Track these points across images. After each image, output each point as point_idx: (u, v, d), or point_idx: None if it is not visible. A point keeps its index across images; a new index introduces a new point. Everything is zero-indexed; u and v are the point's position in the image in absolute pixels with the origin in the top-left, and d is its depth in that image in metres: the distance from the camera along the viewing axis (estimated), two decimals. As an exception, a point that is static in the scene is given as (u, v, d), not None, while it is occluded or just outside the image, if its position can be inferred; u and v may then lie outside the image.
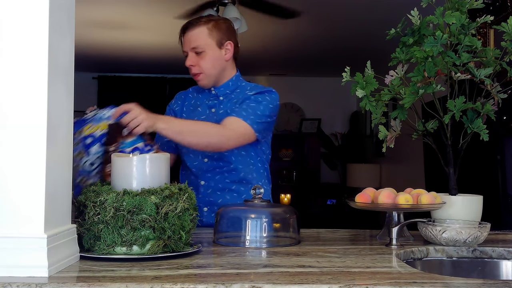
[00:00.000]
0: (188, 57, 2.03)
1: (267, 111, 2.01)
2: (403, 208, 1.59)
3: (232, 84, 2.10)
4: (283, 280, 1.08)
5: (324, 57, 6.54)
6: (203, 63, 2.02)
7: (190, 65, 2.02)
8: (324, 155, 7.79)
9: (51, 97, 1.14)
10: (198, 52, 2.01)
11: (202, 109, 2.10)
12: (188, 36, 2.02)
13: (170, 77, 7.61)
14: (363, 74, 1.70)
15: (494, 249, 1.53)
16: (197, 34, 2.01)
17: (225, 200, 2.04)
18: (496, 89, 1.70)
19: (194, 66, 2.02)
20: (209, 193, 2.05)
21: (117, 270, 1.15)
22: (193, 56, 2.02)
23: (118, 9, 4.70)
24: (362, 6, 4.49)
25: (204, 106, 2.10)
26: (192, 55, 2.02)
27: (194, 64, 2.02)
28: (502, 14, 3.22)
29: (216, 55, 2.03)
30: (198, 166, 2.07)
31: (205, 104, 2.11)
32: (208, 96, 2.12)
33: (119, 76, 7.68)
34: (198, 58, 2.02)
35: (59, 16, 1.19)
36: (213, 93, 2.10)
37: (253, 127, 1.95)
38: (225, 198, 2.04)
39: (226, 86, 2.09)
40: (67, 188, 1.24)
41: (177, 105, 2.19)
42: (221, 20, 2.09)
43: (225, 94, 2.09)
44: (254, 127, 1.95)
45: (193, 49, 2.01)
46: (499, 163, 3.53)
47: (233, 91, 2.09)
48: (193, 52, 2.02)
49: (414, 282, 1.07)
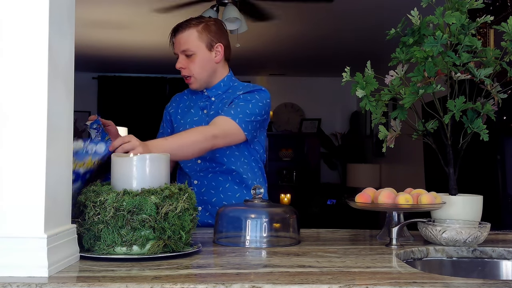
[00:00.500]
0: (178, 60, 2.03)
1: (256, 109, 1.98)
2: (403, 208, 1.59)
3: (224, 85, 2.09)
4: (283, 280, 1.08)
5: (324, 57, 6.54)
6: (193, 66, 2.02)
7: (180, 68, 2.03)
8: (324, 155, 7.79)
9: (51, 97, 1.14)
10: (188, 55, 2.01)
11: (195, 111, 2.10)
12: (178, 39, 2.02)
13: (170, 77, 7.62)
14: (363, 74, 1.70)
15: (494, 249, 1.53)
16: (187, 36, 2.01)
17: (219, 199, 2.03)
18: (496, 89, 1.70)
19: (184, 69, 2.03)
20: (203, 192, 2.05)
21: (117, 270, 1.15)
22: (183, 58, 2.02)
23: (118, 9, 4.70)
24: (362, 6, 4.49)
25: (196, 108, 2.11)
26: (182, 57, 2.02)
27: (184, 67, 2.02)
28: (502, 14, 3.22)
29: (206, 58, 2.03)
30: (191, 167, 2.08)
31: (197, 106, 2.11)
32: (201, 97, 2.12)
33: (119, 76, 7.68)
34: (188, 61, 2.02)
35: (59, 16, 1.19)
36: (205, 95, 2.11)
37: (241, 126, 1.93)
38: (219, 197, 2.04)
39: (218, 87, 2.09)
40: (67, 188, 1.24)
41: (172, 107, 2.20)
42: (212, 21, 2.07)
43: (217, 95, 2.09)
44: (242, 126, 1.93)
45: (183, 52, 2.01)
46: (499, 163, 3.53)
47: (224, 92, 2.09)
48: (183, 54, 2.02)
49: (414, 282, 1.07)
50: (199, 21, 2.04)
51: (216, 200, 2.04)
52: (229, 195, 2.04)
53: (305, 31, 5.34)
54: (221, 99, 2.07)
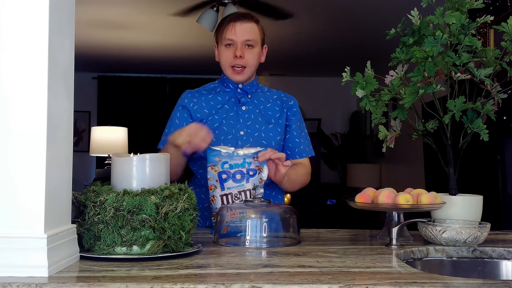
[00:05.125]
0: (238, 48, 1.98)
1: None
2: (403, 208, 1.59)
3: (255, 84, 2.13)
4: (283, 280, 1.08)
5: (324, 57, 6.55)
6: (252, 57, 2.01)
7: (239, 56, 1.99)
8: (324, 155, 7.79)
9: (51, 97, 1.14)
10: (249, 45, 2.00)
11: (229, 106, 2.06)
12: (242, 27, 1.99)
13: (170, 77, 7.61)
14: (363, 74, 1.70)
15: (494, 249, 1.53)
16: (251, 28, 2.01)
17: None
18: (496, 89, 1.70)
19: (243, 58, 2.00)
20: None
21: (117, 270, 1.15)
22: (243, 48, 2.00)
23: (118, 9, 4.70)
24: (362, 6, 4.49)
25: (230, 103, 2.07)
26: (242, 46, 1.99)
27: (243, 56, 2.00)
28: (502, 14, 3.23)
29: (259, 54, 2.05)
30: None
31: (231, 102, 2.07)
32: (233, 93, 2.08)
33: (119, 76, 7.69)
34: (247, 51, 2.01)
35: (59, 16, 1.19)
36: (239, 91, 2.08)
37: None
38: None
39: (251, 85, 2.10)
40: (67, 188, 1.24)
41: (194, 103, 2.08)
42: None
43: (252, 92, 2.10)
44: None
45: (245, 41, 1.99)
46: (499, 163, 3.53)
47: (255, 91, 2.12)
48: (243, 44, 1.99)
49: (414, 282, 1.07)
50: (256, 18, 2.07)
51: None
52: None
53: (305, 31, 5.34)
54: (254, 96, 2.10)
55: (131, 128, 6.44)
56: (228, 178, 1.77)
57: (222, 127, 2.01)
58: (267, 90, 2.16)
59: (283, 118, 2.09)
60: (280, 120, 2.07)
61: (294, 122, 2.11)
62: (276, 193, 2.09)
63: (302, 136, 2.11)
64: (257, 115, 2.05)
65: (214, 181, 1.78)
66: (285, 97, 2.14)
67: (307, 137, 2.14)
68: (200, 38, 5.47)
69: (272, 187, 2.05)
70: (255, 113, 2.05)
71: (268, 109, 2.08)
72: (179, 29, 5.23)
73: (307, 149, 2.11)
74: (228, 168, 1.77)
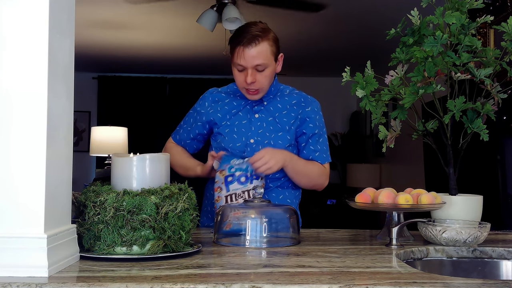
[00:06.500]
0: (250, 74, 1.95)
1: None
2: (403, 208, 1.59)
3: (274, 89, 2.09)
4: (283, 280, 1.08)
5: (324, 57, 6.55)
6: (264, 80, 1.98)
7: (251, 82, 1.96)
8: (324, 155, 7.77)
9: (51, 97, 1.14)
10: (261, 69, 1.96)
11: (243, 114, 2.06)
12: (250, 53, 1.93)
13: (170, 77, 7.60)
14: (363, 74, 1.70)
15: (494, 249, 1.53)
16: (260, 51, 1.94)
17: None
18: (496, 89, 1.70)
19: (255, 83, 1.97)
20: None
21: (117, 270, 1.15)
22: (255, 72, 1.96)
23: (118, 9, 4.70)
24: (362, 6, 4.49)
25: (245, 111, 2.07)
26: (253, 71, 1.95)
27: (255, 80, 1.97)
28: (502, 14, 3.22)
29: (273, 70, 2.02)
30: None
31: (246, 109, 2.07)
32: (248, 100, 2.07)
33: (119, 76, 7.68)
34: (259, 75, 1.97)
35: (59, 16, 1.19)
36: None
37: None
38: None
39: (269, 91, 2.07)
40: (67, 188, 1.24)
41: (211, 107, 2.10)
42: (271, 30, 2.04)
43: (269, 99, 2.08)
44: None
45: (256, 66, 1.95)
46: (499, 163, 3.53)
47: (274, 95, 2.09)
48: (254, 69, 1.96)
49: (414, 282, 1.07)
50: (265, 31, 1.99)
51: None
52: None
53: (305, 31, 5.34)
54: (271, 102, 2.07)
55: (131, 128, 6.44)
56: (233, 181, 1.86)
57: (232, 134, 2.03)
58: (288, 92, 2.12)
59: (296, 125, 2.06)
60: (293, 127, 2.05)
61: (311, 130, 2.06)
62: (288, 192, 2.10)
63: (320, 143, 2.07)
64: (270, 123, 2.04)
65: (220, 184, 1.88)
66: (303, 103, 2.10)
67: (325, 143, 2.10)
68: (200, 38, 5.47)
69: (285, 187, 2.08)
70: (267, 121, 2.04)
71: (283, 116, 2.06)
72: (179, 29, 5.23)
73: (324, 155, 2.08)
74: (234, 171, 1.88)
